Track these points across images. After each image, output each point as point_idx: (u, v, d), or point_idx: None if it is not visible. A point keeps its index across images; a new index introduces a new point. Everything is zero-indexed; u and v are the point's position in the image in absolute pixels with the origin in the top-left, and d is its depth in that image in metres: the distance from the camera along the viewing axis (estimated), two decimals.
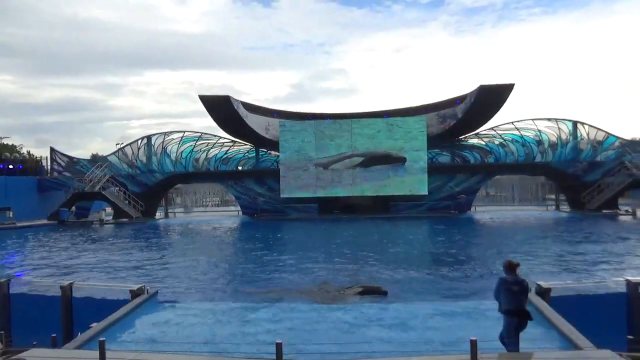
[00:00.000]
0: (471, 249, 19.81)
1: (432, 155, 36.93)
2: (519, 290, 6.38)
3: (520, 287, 6.39)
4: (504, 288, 6.45)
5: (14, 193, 34.49)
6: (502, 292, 6.47)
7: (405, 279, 13.69)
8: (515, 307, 6.35)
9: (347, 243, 21.88)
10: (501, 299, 6.51)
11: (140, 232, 28.54)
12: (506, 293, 6.40)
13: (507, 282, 6.45)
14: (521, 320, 6.39)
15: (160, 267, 16.82)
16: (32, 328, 9.28)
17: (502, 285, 6.49)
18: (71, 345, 7.54)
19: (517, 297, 6.35)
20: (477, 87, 32.73)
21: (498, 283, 6.58)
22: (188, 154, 38.24)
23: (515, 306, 6.35)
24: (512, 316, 6.37)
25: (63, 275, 14.94)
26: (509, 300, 6.38)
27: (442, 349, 7.08)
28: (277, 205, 36.53)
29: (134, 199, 36.48)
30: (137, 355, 6.47)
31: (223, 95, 34.03)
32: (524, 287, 6.44)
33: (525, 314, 6.40)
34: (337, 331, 8.61)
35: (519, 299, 6.36)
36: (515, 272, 6.50)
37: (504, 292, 6.45)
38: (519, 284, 6.41)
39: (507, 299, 6.39)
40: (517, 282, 6.41)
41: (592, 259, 16.19)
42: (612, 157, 35.03)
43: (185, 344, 8.00)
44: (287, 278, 14.23)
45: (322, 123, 36.29)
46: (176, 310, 10.31)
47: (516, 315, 6.35)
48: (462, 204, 35.61)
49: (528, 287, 6.51)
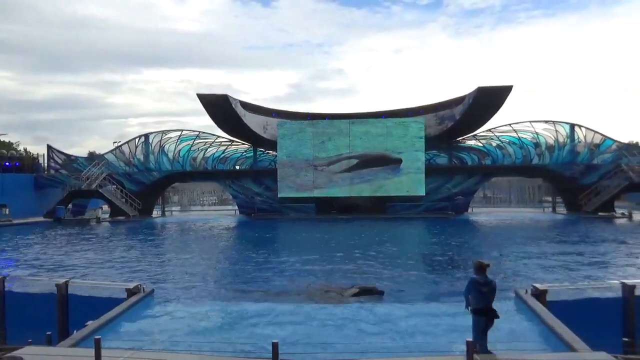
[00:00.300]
0: (467, 250, 19.83)
1: (430, 156, 36.98)
2: (489, 291, 6.62)
3: (490, 288, 6.64)
4: (475, 288, 6.66)
5: (11, 190, 34.39)
6: (473, 292, 6.68)
7: (401, 280, 13.69)
8: (484, 306, 6.60)
9: (344, 243, 21.88)
10: (470, 298, 6.73)
11: (136, 231, 28.49)
12: (476, 293, 6.63)
13: (478, 283, 6.67)
14: (489, 319, 6.63)
15: (156, 266, 16.79)
16: (27, 326, 9.24)
17: (473, 285, 6.69)
18: (67, 343, 7.52)
19: (486, 297, 6.60)
20: (475, 89, 32.79)
21: (469, 283, 6.77)
22: (186, 152, 38.20)
23: (484, 305, 6.60)
24: (481, 315, 6.62)
25: (59, 272, 14.88)
26: (478, 299, 6.62)
27: (438, 349, 7.08)
28: (275, 204, 36.52)
29: (131, 197, 36.41)
30: (132, 354, 6.45)
31: (221, 94, 34.00)
32: (492, 287, 6.68)
33: (493, 313, 6.65)
34: (333, 331, 8.61)
35: (488, 299, 6.61)
36: (485, 272, 6.73)
37: (474, 292, 6.66)
38: (488, 284, 6.65)
39: (477, 299, 6.63)
40: (487, 283, 6.65)
41: (588, 261, 16.23)
42: (609, 160, 35.16)
43: (181, 342, 7.98)
44: (283, 278, 14.21)
45: (320, 123, 36.31)
46: (172, 309, 10.29)
47: (485, 314, 6.60)
48: (459, 205, 35.68)
49: (495, 287, 6.76)
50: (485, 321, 6.62)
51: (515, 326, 8.70)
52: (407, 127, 35.30)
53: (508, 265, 15.77)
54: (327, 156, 35.57)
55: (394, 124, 35.51)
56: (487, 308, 6.60)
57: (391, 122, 35.71)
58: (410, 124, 35.44)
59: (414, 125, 35.31)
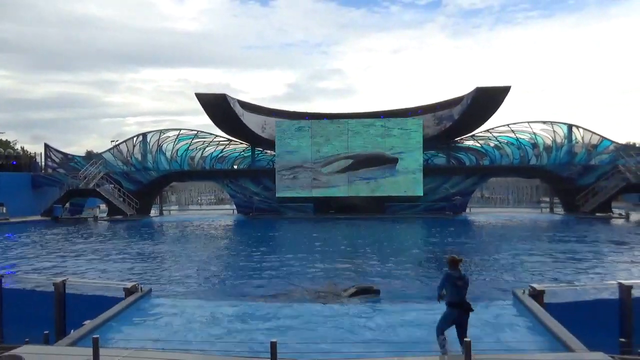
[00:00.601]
0: (464, 250, 19.85)
1: (428, 156, 37.02)
2: (463, 285, 6.88)
3: (464, 282, 6.90)
4: (450, 282, 6.92)
5: (8, 189, 34.30)
6: (448, 286, 6.96)
7: (399, 279, 13.71)
8: (459, 299, 6.87)
9: (341, 243, 21.90)
10: (445, 292, 7.02)
11: (134, 230, 28.45)
12: (451, 287, 6.90)
13: (453, 277, 6.92)
14: (461, 312, 6.89)
15: (154, 265, 16.78)
16: (24, 325, 9.23)
17: (448, 279, 6.96)
18: (64, 342, 7.50)
19: (461, 291, 6.87)
20: (474, 89, 32.83)
21: (444, 277, 7.03)
22: (184, 152, 38.15)
23: (459, 299, 6.87)
24: (454, 308, 6.89)
25: (56, 271, 14.85)
26: (453, 293, 6.89)
27: (436, 349, 7.09)
28: (273, 204, 36.51)
29: (128, 197, 36.35)
30: (131, 353, 6.44)
31: (219, 94, 33.98)
32: (466, 281, 6.95)
33: (468, 306, 6.91)
34: (331, 331, 8.61)
35: (462, 293, 6.87)
36: (458, 267, 6.98)
37: (449, 286, 6.93)
38: (462, 279, 6.92)
39: (452, 293, 6.90)
40: (461, 278, 6.92)
41: (585, 261, 16.28)
42: (606, 161, 35.24)
43: (179, 342, 7.98)
44: (281, 278, 14.22)
45: (319, 123, 36.30)
46: (170, 308, 10.28)
47: (459, 308, 6.87)
48: (457, 205, 35.72)
49: (468, 281, 7.06)
50: (458, 313, 6.87)
51: (513, 327, 8.72)
52: (406, 127, 35.32)
53: (506, 266, 15.81)
54: (325, 156, 35.58)
55: (392, 124, 35.52)
56: (461, 301, 6.87)
57: (389, 122, 35.72)
58: (408, 124, 35.47)
59: (412, 126, 35.34)
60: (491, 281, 13.39)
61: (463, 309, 6.89)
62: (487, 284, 12.95)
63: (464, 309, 6.89)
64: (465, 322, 6.93)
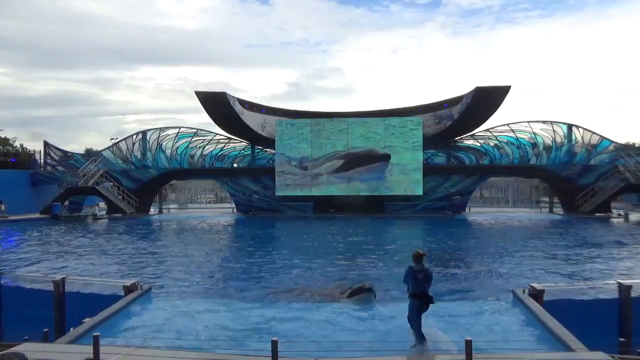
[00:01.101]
0: (463, 249, 19.88)
1: (428, 155, 37.01)
2: (424, 278, 7.34)
3: (425, 275, 7.35)
4: (411, 275, 7.40)
5: (6, 186, 34.22)
6: (410, 279, 7.43)
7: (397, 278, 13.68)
8: (419, 291, 7.33)
9: (340, 242, 21.90)
10: (409, 284, 7.47)
11: (133, 228, 28.43)
12: (413, 280, 7.37)
13: (414, 270, 7.40)
14: (422, 303, 7.35)
15: (153, 263, 16.77)
16: (23, 322, 9.23)
17: (409, 272, 7.44)
18: (64, 339, 7.50)
19: (421, 283, 7.33)
20: (473, 89, 32.82)
21: (407, 270, 7.50)
22: (183, 150, 38.12)
23: (419, 290, 7.33)
24: (415, 299, 7.36)
25: (55, 269, 14.83)
26: (414, 285, 7.36)
27: (436, 348, 7.10)
28: (272, 203, 36.49)
29: (127, 195, 36.32)
30: (130, 351, 6.45)
31: (219, 92, 33.95)
32: (428, 274, 7.38)
33: (427, 298, 7.35)
34: (331, 330, 8.62)
35: (423, 285, 7.33)
36: (422, 261, 7.42)
37: (411, 278, 7.41)
38: (424, 272, 7.35)
39: (414, 285, 7.37)
40: (422, 271, 7.36)
41: (585, 261, 16.29)
42: (606, 161, 35.25)
43: (178, 339, 7.98)
44: (280, 277, 14.22)
45: (319, 122, 36.26)
46: (170, 306, 10.29)
47: (419, 298, 7.32)
48: (456, 205, 35.72)
49: (431, 274, 7.48)
50: (419, 303, 7.32)
51: (513, 326, 8.74)
52: (405, 126, 35.29)
53: (505, 265, 15.81)
54: (326, 154, 35.54)
55: (392, 123, 35.49)
56: (421, 293, 7.32)
57: (389, 121, 35.69)
58: (408, 123, 35.44)
59: (412, 125, 35.31)
60: (491, 281, 13.41)
61: (423, 300, 7.30)
62: (487, 284, 12.96)
63: (424, 301, 7.30)
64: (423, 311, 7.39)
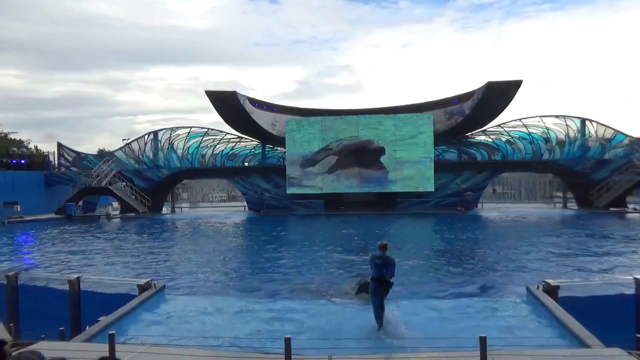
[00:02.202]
0: (476, 246, 19.74)
1: (439, 152, 36.80)
2: (381, 264, 8.33)
3: (383, 262, 8.34)
4: (372, 261, 8.53)
5: (22, 188, 34.75)
6: (371, 265, 8.51)
7: (410, 276, 13.65)
8: (376, 275, 8.39)
9: (352, 239, 21.87)
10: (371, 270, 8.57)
11: (147, 227, 28.67)
12: (372, 265, 8.48)
13: (374, 257, 8.50)
14: (380, 286, 8.36)
15: (167, 262, 16.89)
16: (40, 321, 9.35)
17: (371, 259, 8.60)
18: (80, 338, 7.59)
19: (379, 268, 8.35)
20: (485, 84, 32.56)
21: (370, 258, 8.68)
22: (195, 149, 38.32)
23: (377, 275, 8.37)
24: (374, 282, 8.44)
25: (71, 269, 15.01)
26: (374, 270, 8.45)
27: (450, 346, 7.06)
28: (284, 201, 36.55)
29: (140, 194, 36.62)
30: (146, 349, 6.50)
31: (229, 91, 34.05)
32: (387, 261, 8.36)
33: (384, 281, 8.35)
34: (344, 327, 8.61)
35: (381, 270, 8.33)
36: (384, 250, 8.41)
37: (371, 264, 8.51)
38: (383, 259, 8.36)
39: (373, 270, 8.47)
40: (381, 257, 8.38)
41: (600, 256, 16.09)
42: (620, 155, 34.77)
43: (192, 337, 8.03)
44: (293, 274, 14.24)
45: (329, 119, 36.22)
46: (184, 304, 10.35)
47: (377, 282, 8.36)
48: (468, 201, 35.48)
49: (391, 262, 8.39)
50: (375, 286, 8.38)
51: (527, 322, 8.67)
52: (416, 123, 35.09)
53: (519, 261, 15.69)
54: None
55: (402, 120, 35.33)
56: (379, 277, 8.35)
57: (400, 117, 35.52)
58: (419, 120, 35.25)
59: (423, 121, 35.11)
60: (505, 277, 13.29)
61: (380, 283, 8.34)
62: (501, 280, 12.86)
63: (381, 283, 8.33)
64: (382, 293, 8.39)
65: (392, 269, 8.39)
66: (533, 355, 6.45)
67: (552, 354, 6.66)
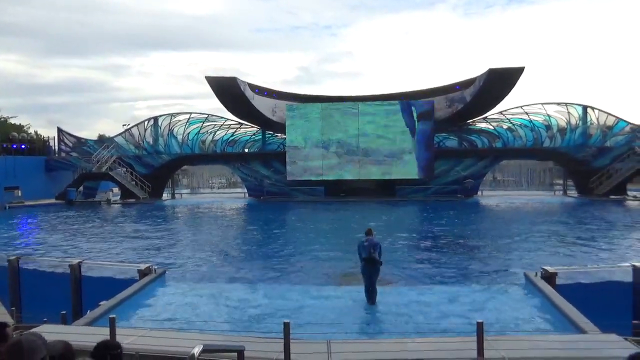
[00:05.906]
0: (474, 233, 19.78)
1: (440, 139, 36.70)
2: (368, 245, 9.28)
3: (370, 243, 9.30)
4: (360, 244, 9.50)
5: (23, 173, 34.77)
6: (360, 247, 9.45)
7: (408, 262, 13.73)
8: (365, 255, 9.26)
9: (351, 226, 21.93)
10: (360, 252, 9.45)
11: (147, 213, 28.74)
12: (360, 247, 9.45)
13: (361, 240, 9.54)
14: (367, 265, 9.20)
15: (167, 247, 16.97)
16: (41, 305, 9.42)
17: (359, 243, 9.58)
18: (82, 321, 7.67)
19: (366, 249, 9.28)
20: (486, 71, 32.35)
21: (358, 243, 9.65)
22: (195, 135, 38.21)
23: (366, 255, 9.25)
24: (362, 261, 9.33)
25: (72, 253, 15.09)
26: (363, 251, 9.33)
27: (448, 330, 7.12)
28: (284, 187, 36.56)
29: (141, 180, 36.65)
30: (146, 333, 6.56)
31: (230, 77, 33.85)
32: (372, 243, 9.31)
33: (374, 261, 9.19)
34: (342, 313, 8.69)
35: (368, 250, 9.24)
36: (371, 234, 9.51)
37: (360, 247, 9.45)
38: (369, 241, 9.34)
39: (361, 250, 9.38)
40: (367, 240, 9.37)
41: (598, 243, 16.15)
42: (621, 143, 34.68)
43: (192, 322, 8.11)
44: (291, 260, 14.32)
45: (329, 106, 36.05)
46: (184, 289, 10.44)
47: (366, 262, 9.21)
48: (468, 188, 35.46)
49: (376, 244, 9.35)
50: (364, 265, 9.26)
51: (525, 308, 8.74)
52: (417, 109, 34.92)
53: (518, 248, 15.75)
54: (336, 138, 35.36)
55: (403, 106, 35.15)
56: (368, 257, 9.20)
57: (400, 104, 35.36)
58: (419, 106, 35.08)
59: (423, 108, 34.95)
60: (503, 263, 13.36)
61: (368, 262, 9.17)
62: (499, 266, 12.92)
63: (368, 261, 9.17)
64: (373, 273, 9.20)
65: (379, 249, 9.37)
66: (530, 340, 6.51)
67: (549, 339, 6.72)
